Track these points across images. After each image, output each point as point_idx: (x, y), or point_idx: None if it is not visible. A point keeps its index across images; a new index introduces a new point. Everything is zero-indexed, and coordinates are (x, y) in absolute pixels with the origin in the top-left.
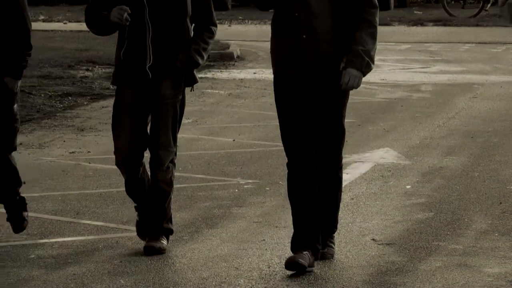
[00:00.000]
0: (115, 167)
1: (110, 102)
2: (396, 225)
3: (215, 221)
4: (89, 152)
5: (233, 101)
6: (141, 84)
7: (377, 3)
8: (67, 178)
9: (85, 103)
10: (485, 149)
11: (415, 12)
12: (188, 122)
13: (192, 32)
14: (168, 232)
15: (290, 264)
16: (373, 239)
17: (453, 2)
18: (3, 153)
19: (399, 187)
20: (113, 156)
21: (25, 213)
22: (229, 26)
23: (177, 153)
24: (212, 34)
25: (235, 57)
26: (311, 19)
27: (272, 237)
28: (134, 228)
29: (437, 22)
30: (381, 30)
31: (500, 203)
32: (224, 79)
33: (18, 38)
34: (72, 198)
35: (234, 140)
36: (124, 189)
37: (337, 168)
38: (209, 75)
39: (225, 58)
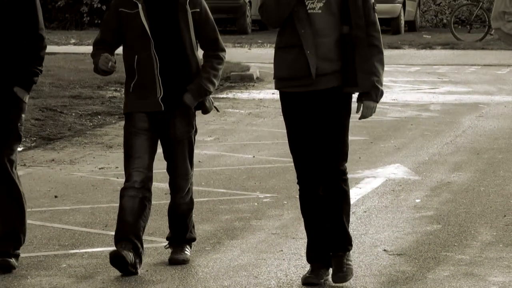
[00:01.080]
0: None
1: None
2: (406, 236)
3: (236, 232)
4: (117, 167)
5: (253, 120)
6: (153, 114)
7: (379, 27)
8: (96, 192)
9: (113, 121)
10: (490, 165)
11: (424, 36)
12: (210, 139)
13: (202, 60)
14: (191, 241)
15: (307, 284)
16: (384, 250)
17: (460, 26)
18: (2, 160)
19: (409, 200)
20: None
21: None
22: (249, 49)
23: (200, 169)
24: (221, 60)
25: (254, 78)
26: (315, 36)
27: (290, 247)
28: (160, 239)
29: (445, 45)
30: (392, 53)
31: (504, 216)
32: (244, 99)
33: (34, 54)
34: (101, 211)
35: (253, 157)
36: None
37: (341, 180)
38: (230, 95)
39: (245, 80)
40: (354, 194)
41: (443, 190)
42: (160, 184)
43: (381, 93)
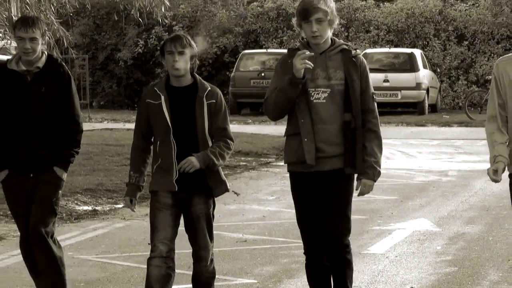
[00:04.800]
0: (218, 232)
1: None
2: (429, 276)
3: (293, 273)
4: None
5: None
6: (174, 193)
7: (377, 114)
8: (180, 240)
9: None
10: (497, 220)
11: (443, 116)
12: (272, 198)
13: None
14: None
15: None
16: (412, 287)
17: (472, 109)
18: (40, 233)
19: (432, 248)
20: (217, 224)
21: None
22: None
23: (264, 222)
24: (228, 144)
25: None
26: (314, 125)
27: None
28: (231, 278)
29: (461, 123)
30: (418, 129)
31: (509, 260)
32: None
33: (71, 138)
34: (185, 255)
35: None
36: (224, 249)
37: (345, 252)
38: None
39: None
40: (388, 242)
41: (459, 239)
42: (229, 234)
43: (378, 173)
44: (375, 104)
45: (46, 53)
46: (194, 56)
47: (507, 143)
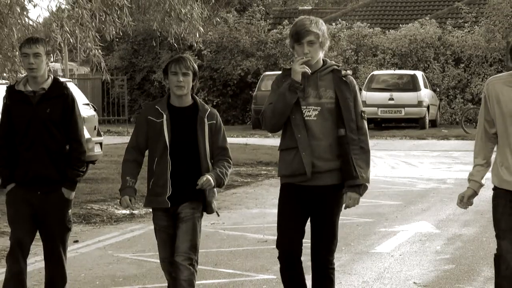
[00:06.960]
0: (241, 233)
1: (239, 190)
2: (430, 273)
3: (308, 270)
4: (223, 223)
5: None
6: (167, 209)
7: (367, 130)
8: (209, 240)
9: (221, 191)
10: (490, 222)
11: (442, 130)
12: None
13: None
14: None
15: None
16: (414, 283)
17: (468, 124)
18: (56, 247)
19: (432, 247)
20: (240, 226)
21: None
22: None
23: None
24: (230, 164)
25: None
26: (310, 140)
27: (346, 280)
28: (253, 274)
29: (458, 137)
30: (419, 142)
31: None
32: None
33: (75, 158)
34: (212, 254)
35: None
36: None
37: (329, 269)
38: None
39: None
40: (393, 243)
41: (456, 240)
42: (251, 235)
43: (364, 187)
44: (364, 122)
45: (52, 76)
46: (196, 77)
47: (487, 162)
